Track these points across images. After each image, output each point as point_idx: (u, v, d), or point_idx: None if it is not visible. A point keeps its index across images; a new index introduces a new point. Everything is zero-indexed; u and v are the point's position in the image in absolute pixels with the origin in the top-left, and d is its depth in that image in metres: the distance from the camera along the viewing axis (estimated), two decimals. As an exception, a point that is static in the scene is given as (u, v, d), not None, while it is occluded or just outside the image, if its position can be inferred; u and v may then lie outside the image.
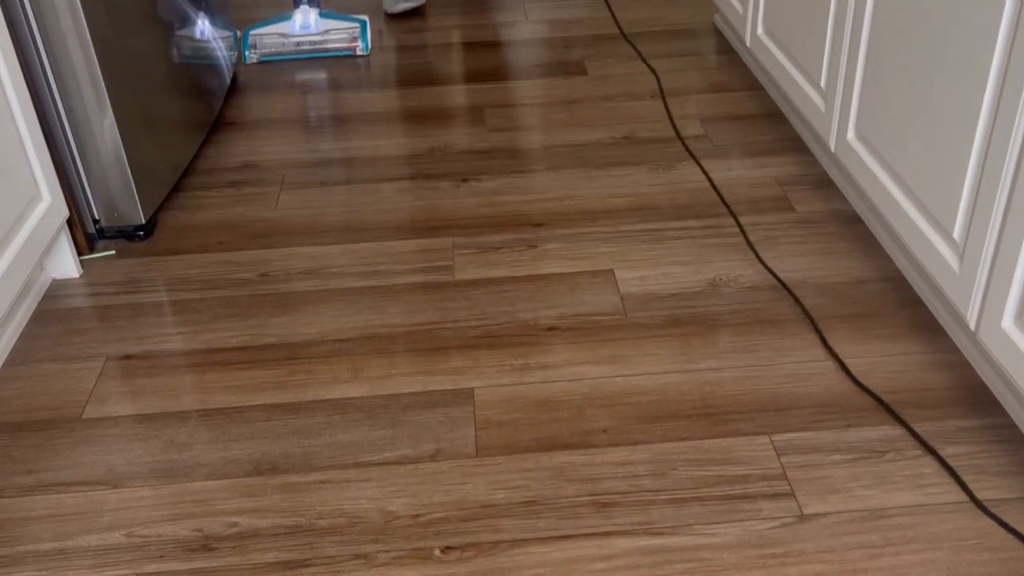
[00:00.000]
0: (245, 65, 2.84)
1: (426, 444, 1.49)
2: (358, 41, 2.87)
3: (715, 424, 1.50)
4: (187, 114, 2.27)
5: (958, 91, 1.41)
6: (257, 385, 1.62)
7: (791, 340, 1.67)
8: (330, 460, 1.47)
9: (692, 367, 1.62)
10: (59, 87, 1.82)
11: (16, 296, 1.68)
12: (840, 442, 1.46)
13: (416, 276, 1.89)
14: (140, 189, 1.97)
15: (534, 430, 1.51)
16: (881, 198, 1.71)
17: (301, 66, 2.83)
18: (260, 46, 2.87)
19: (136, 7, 1.99)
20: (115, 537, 1.35)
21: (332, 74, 2.78)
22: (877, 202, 1.73)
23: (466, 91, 2.65)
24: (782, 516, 1.34)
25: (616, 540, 1.32)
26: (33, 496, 1.42)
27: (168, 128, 2.15)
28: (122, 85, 1.91)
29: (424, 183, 2.20)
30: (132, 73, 1.96)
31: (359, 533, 1.34)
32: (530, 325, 1.74)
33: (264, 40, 2.87)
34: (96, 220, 1.98)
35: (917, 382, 1.57)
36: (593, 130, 2.40)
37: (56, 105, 1.84)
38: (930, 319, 1.70)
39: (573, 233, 1.99)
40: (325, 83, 2.72)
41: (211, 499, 1.41)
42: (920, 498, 1.36)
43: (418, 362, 1.66)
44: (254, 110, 2.58)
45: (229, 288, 1.87)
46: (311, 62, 2.85)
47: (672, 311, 1.76)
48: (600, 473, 1.42)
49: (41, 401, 1.61)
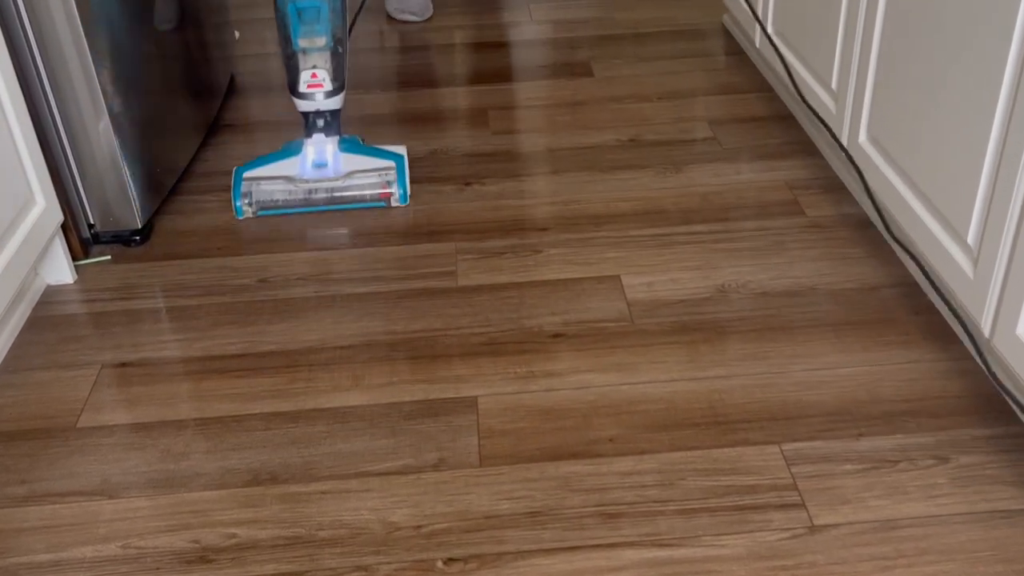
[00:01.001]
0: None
1: (428, 453, 1.46)
2: (393, 187, 2.10)
3: (724, 433, 1.47)
4: (184, 116, 2.24)
5: (972, 92, 1.38)
6: (256, 393, 1.60)
7: (801, 347, 1.64)
8: (330, 470, 1.44)
9: (700, 375, 1.59)
10: (54, 89, 1.80)
11: (10, 302, 1.65)
12: (852, 451, 1.43)
13: (418, 282, 1.86)
14: (136, 193, 1.95)
15: (539, 439, 1.48)
16: (893, 202, 1.68)
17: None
18: (257, 196, 2.07)
19: (131, 10, 1.97)
20: (111, 548, 1.32)
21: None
22: (889, 206, 1.70)
23: (469, 93, 2.63)
24: (792, 527, 1.31)
25: (623, 552, 1.28)
26: (27, 507, 1.39)
27: (165, 131, 2.12)
28: (118, 87, 1.88)
29: (426, 186, 2.18)
30: (128, 75, 1.94)
31: (360, 545, 1.31)
32: (534, 332, 1.71)
33: (263, 188, 2.07)
34: (91, 224, 1.95)
35: (930, 390, 1.53)
36: (599, 133, 2.37)
37: (51, 107, 1.81)
38: (943, 326, 1.67)
39: (578, 238, 1.96)
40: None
41: (209, 509, 1.38)
42: (933, 509, 1.33)
43: (420, 370, 1.63)
44: (253, 111, 2.56)
45: (227, 294, 1.84)
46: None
47: (680, 318, 1.73)
48: (606, 483, 1.39)
49: (35, 410, 1.58)
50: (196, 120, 2.32)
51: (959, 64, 1.42)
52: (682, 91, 2.56)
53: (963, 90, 1.41)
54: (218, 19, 2.54)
